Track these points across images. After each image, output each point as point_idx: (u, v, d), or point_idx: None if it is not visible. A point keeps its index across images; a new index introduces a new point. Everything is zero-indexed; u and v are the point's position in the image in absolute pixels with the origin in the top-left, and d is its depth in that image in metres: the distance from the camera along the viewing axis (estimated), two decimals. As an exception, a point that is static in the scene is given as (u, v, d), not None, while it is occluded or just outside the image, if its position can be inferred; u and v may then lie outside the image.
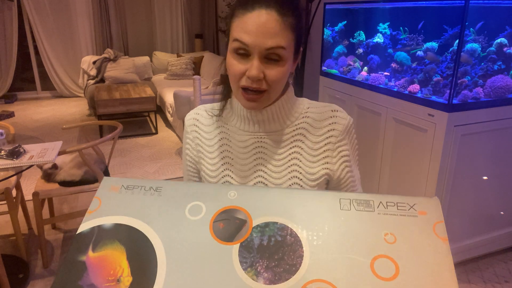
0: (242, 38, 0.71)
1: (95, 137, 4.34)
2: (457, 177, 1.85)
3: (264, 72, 0.73)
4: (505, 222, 2.12)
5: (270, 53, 0.71)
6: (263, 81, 0.73)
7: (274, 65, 0.73)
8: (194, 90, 3.11)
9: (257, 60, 0.72)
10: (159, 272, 0.55)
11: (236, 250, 0.56)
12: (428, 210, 0.58)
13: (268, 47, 0.71)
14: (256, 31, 0.70)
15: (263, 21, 0.70)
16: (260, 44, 0.70)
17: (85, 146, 2.01)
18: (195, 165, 0.93)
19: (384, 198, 0.60)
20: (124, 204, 0.64)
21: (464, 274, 2.04)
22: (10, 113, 5.15)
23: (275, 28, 0.70)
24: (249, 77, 0.72)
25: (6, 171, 1.74)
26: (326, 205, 0.61)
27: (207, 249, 0.57)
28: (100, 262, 0.57)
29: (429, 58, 1.86)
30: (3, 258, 1.83)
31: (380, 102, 2.12)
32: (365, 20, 2.35)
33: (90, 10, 5.80)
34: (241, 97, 0.77)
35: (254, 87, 0.74)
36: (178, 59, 5.63)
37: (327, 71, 2.69)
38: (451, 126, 1.74)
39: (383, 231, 0.57)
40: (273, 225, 0.59)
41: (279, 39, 0.71)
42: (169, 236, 0.59)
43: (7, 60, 5.65)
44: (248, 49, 0.71)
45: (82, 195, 2.94)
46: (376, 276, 0.53)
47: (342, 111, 0.87)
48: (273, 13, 0.70)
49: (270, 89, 0.75)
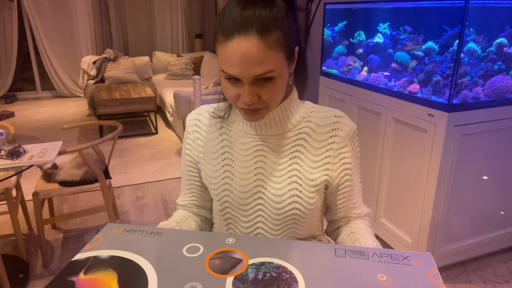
0: (228, 70, 0.69)
1: (95, 137, 4.34)
2: (457, 177, 1.85)
3: (257, 93, 0.71)
4: (505, 222, 2.12)
5: (259, 78, 0.69)
6: (259, 102, 0.72)
7: (267, 84, 0.70)
8: (194, 90, 3.11)
9: (248, 86, 0.69)
10: None
11: (230, 281, 0.57)
12: (421, 261, 0.60)
13: (255, 75, 0.68)
14: (240, 62, 0.66)
15: (244, 50, 0.65)
16: (246, 73, 0.67)
17: (85, 146, 2.01)
18: (196, 166, 0.92)
19: (378, 250, 0.63)
20: (124, 242, 0.65)
21: (464, 274, 2.04)
22: (10, 113, 5.15)
23: (259, 55, 0.65)
24: (244, 103, 0.72)
25: (6, 171, 1.74)
26: (321, 252, 0.63)
27: (200, 278, 0.57)
28: (89, 282, 0.56)
29: (418, 60, 1.86)
30: (3, 258, 1.83)
31: (380, 102, 2.12)
32: (365, 20, 2.35)
33: (90, 10, 5.80)
34: (241, 113, 0.77)
35: (251, 109, 0.73)
36: (178, 59, 5.63)
37: (327, 71, 2.69)
38: (451, 126, 1.74)
39: (379, 274, 0.58)
40: (269, 264, 0.60)
41: (266, 65, 0.67)
42: (163, 268, 0.59)
43: (7, 60, 5.65)
44: (237, 77, 0.69)
45: (82, 195, 2.94)
46: None
47: (346, 117, 0.85)
48: (253, 39, 0.65)
49: (268, 105, 0.75)
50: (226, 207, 0.87)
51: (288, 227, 0.85)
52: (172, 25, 6.27)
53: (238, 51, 0.65)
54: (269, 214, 0.84)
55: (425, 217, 1.89)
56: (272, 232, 0.86)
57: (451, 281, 1.99)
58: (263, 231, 0.86)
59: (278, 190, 0.82)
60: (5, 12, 5.44)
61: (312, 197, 0.82)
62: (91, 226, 2.54)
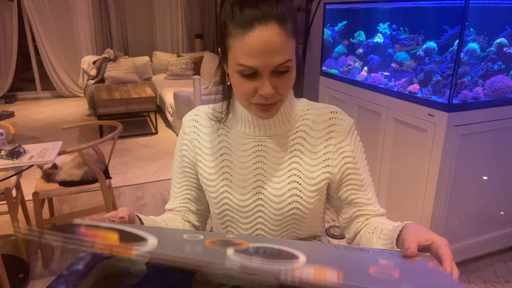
0: (248, 63, 0.68)
1: (95, 137, 4.35)
2: (457, 177, 1.85)
3: (275, 85, 0.71)
4: (505, 222, 2.12)
5: (279, 67, 0.69)
6: (275, 95, 0.72)
7: (283, 76, 0.71)
8: (194, 90, 3.11)
9: (268, 78, 0.69)
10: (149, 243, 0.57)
11: (231, 251, 0.57)
12: (422, 257, 0.62)
13: (277, 64, 0.68)
14: (262, 52, 0.66)
15: (267, 39, 0.66)
16: (268, 64, 0.68)
17: (85, 146, 2.01)
18: (193, 167, 0.91)
19: (378, 249, 0.64)
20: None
21: (464, 274, 2.04)
22: (10, 113, 5.15)
23: (281, 43, 0.67)
24: (263, 96, 0.71)
25: (6, 171, 1.74)
26: (322, 246, 0.65)
27: (201, 248, 0.58)
28: (91, 232, 0.57)
29: (409, 64, 1.86)
30: (3, 258, 1.83)
31: (380, 102, 2.12)
32: (365, 20, 2.35)
33: (90, 10, 5.81)
34: (255, 111, 0.76)
35: (269, 103, 0.73)
36: (178, 59, 5.63)
37: (327, 71, 2.69)
38: (451, 126, 1.74)
39: (380, 259, 0.59)
40: (269, 248, 0.60)
41: (286, 53, 0.68)
42: (164, 239, 0.60)
43: (7, 60, 5.65)
44: (256, 70, 0.69)
45: (82, 195, 2.94)
46: (374, 275, 0.52)
47: (342, 112, 0.86)
48: (274, 27, 0.66)
49: (282, 98, 0.75)
50: (225, 209, 0.86)
51: (288, 227, 0.85)
52: (172, 25, 6.27)
53: (260, 41, 0.65)
54: (269, 214, 0.84)
55: (425, 217, 1.89)
56: (272, 232, 0.86)
57: (451, 281, 1.99)
58: (263, 232, 0.86)
59: (278, 190, 0.82)
60: (5, 12, 5.45)
61: (312, 196, 0.82)
62: (91, 226, 2.54)
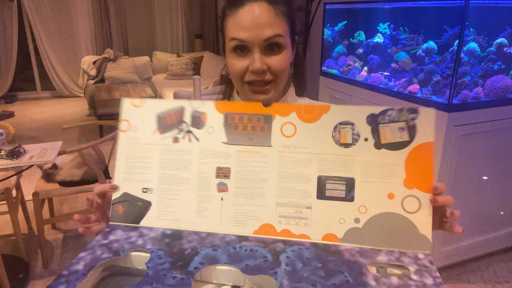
0: (238, 36, 0.71)
1: (95, 137, 4.34)
2: (457, 177, 1.85)
3: (266, 63, 0.72)
4: (505, 222, 2.12)
5: (269, 43, 0.71)
6: (267, 72, 0.73)
7: (275, 54, 0.73)
8: (194, 90, 3.11)
9: (258, 53, 0.72)
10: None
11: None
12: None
13: (266, 38, 0.70)
14: (251, 25, 0.70)
15: (256, 14, 0.70)
16: (257, 36, 0.70)
17: (85, 146, 2.01)
18: None
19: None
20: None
21: (464, 274, 2.04)
22: (10, 113, 5.15)
23: (269, 18, 0.70)
24: (253, 71, 0.72)
25: (6, 171, 1.74)
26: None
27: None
28: None
29: (406, 62, 1.87)
30: (3, 258, 1.83)
31: (380, 102, 2.12)
32: (365, 20, 2.35)
33: (90, 10, 5.80)
34: (248, 92, 0.77)
35: (259, 80, 0.74)
36: (178, 59, 5.63)
37: (327, 71, 2.69)
38: (451, 126, 1.74)
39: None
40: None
41: (275, 28, 0.71)
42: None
43: (7, 60, 5.65)
44: (246, 45, 0.71)
45: (82, 195, 2.94)
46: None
47: None
48: (264, 4, 0.70)
49: (276, 79, 0.75)
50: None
51: None
52: (172, 25, 6.27)
53: (250, 15, 0.70)
54: None
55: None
56: None
57: (451, 281, 1.99)
58: None
59: None
60: (5, 12, 5.45)
61: None
62: (91, 226, 2.54)
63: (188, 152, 0.67)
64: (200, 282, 0.57)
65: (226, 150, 0.66)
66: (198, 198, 0.66)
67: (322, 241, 0.61)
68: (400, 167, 0.61)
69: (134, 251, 0.61)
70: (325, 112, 0.63)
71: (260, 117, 0.66)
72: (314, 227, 0.62)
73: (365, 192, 0.61)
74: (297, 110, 0.65)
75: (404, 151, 0.61)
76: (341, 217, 0.61)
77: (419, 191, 0.60)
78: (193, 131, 0.68)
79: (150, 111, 0.70)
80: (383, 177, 0.61)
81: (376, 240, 0.60)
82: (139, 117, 0.70)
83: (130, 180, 0.69)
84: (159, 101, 0.70)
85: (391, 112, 0.62)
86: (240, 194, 0.65)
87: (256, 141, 0.65)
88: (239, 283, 0.57)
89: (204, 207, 0.66)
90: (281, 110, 0.65)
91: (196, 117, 0.68)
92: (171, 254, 0.59)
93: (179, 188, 0.67)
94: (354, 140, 0.62)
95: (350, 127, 0.62)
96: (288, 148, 0.64)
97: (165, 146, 0.68)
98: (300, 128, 0.64)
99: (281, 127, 0.65)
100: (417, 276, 0.54)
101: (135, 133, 0.69)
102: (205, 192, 0.66)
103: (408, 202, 0.60)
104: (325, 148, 0.63)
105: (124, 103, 0.70)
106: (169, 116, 0.69)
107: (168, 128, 0.69)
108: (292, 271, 0.55)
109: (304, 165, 0.63)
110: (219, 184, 0.66)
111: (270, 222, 0.63)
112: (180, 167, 0.67)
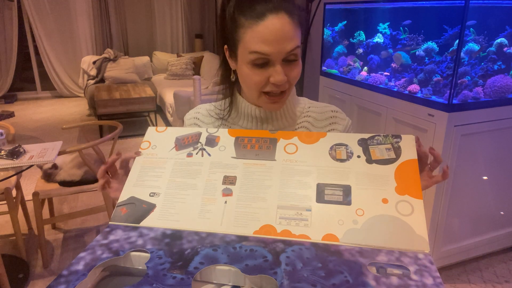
0: (262, 49, 0.71)
1: (95, 137, 4.34)
2: (457, 177, 1.85)
3: (286, 74, 0.74)
4: (505, 222, 2.12)
5: (289, 55, 0.72)
6: (286, 83, 0.75)
7: (293, 65, 0.74)
8: (194, 90, 3.11)
9: (279, 66, 0.73)
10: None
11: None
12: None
13: (288, 51, 0.72)
14: (275, 39, 0.70)
15: (278, 27, 0.70)
16: (281, 50, 0.71)
17: (85, 146, 2.01)
18: None
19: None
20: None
21: (464, 274, 2.04)
22: (10, 113, 5.15)
23: (290, 31, 0.71)
24: (276, 83, 0.74)
25: (6, 171, 1.74)
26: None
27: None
28: None
29: (397, 58, 1.87)
30: (3, 258, 1.83)
31: (380, 102, 2.12)
32: (365, 20, 2.35)
33: (90, 10, 5.80)
34: (264, 102, 0.78)
35: (279, 91, 0.76)
36: (178, 59, 5.63)
37: (327, 71, 2.69)
38: (451, 126, 1.74)
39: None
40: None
41: (295, 40, 0.72)
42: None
43: (7, 60, 5.65)
44: (268, 58, 0.72)
45: (82, 195, 2.94)
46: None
47: (342, 112, 0.89)
48: (284, 16, 0.70)
49: (290, 86, 0.78)
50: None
51: None
52: (172, 25, 6.27)
53: (272, 28, 0.70)
54: None
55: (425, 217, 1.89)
56: None
57: (451, 281, 1.99)
58: None
59: None
60: (5, 12, 5.45)
61: None
62: (91, 226, 2.54)
63: (199, 164, 0.74)
64: (200, 282, 0.57)
65: (234, 163, 0.73)
66: (203, 201, 0.69)
67: (322, 241, 0.62)
68: (391, 177, 0.67)
69: (134, 251, 0.61)
70: (322, 137, 0.75)
71: (266, 139, 0.76)
72: (314, 228, 0.63)
73: (361, 197, 0.66)
74: (299, 135, 0.76)
75: (392, 165, 0.69)
76: (340, 218, 0.64)
77: (410, 197, 0.65)
78: (206, 149, 0.76)
79: (170, 135, 0.79)
80: (376, 185, 0.67)
81: (375, 240, 0.61)
82: (160, 139, 0.79)
83: (139, 186, 0.73)
84: (180, 128, 0.80)
85: (378, 137, 0.72)
86: (243, 197, 0.68)
87: (262, 156, 0.73)
88: (239, 283, 0.57)
89: (208, 209, 0.68)
90: (285, 135, 0.76)
91: (210, 139, 0.77)
92: (171, 254, 0.59)
93: (185, 193, 0.70)
94: (348, 157, 0.71)
95: (344, 147, 0.72)
96: (290, 162, 0.72)
97: (179, 160, 0.75)
98: (301, 148, 0.74)
99: (285, 147, 0.74)
100: (417, 276, 0.54)
101: (153, 150, 0.78)
102: (210, 196, 0.69)
103: (401, 206, 0.65)
104: (323, 162, 0.71)
105: (149, 130, 0.81)
106: (187, 139, 0.78)
107: (184, 146, 0.77)
108: (292, 271, 0.55)
109: (304, 175, 0.70)
110: (224, 189, 0.70)
111: (270, 223, 0.65)
112: (190, 176, 0.73)
